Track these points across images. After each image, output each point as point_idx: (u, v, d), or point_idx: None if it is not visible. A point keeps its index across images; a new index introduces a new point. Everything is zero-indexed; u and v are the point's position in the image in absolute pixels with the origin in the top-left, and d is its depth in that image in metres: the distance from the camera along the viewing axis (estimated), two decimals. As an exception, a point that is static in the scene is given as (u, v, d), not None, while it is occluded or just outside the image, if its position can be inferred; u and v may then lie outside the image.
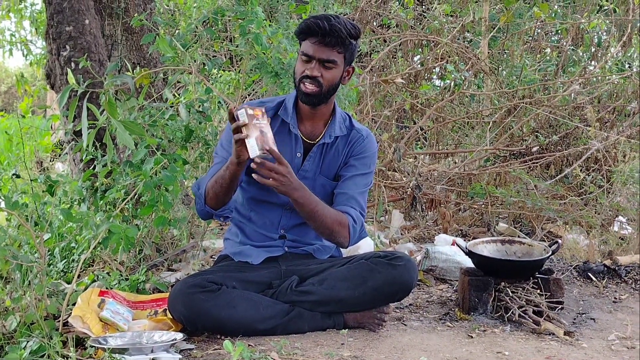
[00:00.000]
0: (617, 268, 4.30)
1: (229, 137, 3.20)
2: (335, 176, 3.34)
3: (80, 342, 2.94)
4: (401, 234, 5.37)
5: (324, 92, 3.16)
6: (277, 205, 3.32)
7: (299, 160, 3.28)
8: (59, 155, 7.00)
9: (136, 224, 3.92)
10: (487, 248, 3.80)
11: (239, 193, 3.38)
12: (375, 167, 3.51)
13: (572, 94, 6.43)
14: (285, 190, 2.97)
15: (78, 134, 4.23)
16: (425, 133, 7.11)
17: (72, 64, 4.53)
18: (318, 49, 3.10)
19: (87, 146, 3.74)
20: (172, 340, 2.81)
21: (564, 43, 7.55)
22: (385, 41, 7.22)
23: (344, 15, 6.11)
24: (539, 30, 7.85)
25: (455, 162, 6.89)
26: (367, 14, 7.15)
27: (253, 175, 2.93)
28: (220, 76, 5.78)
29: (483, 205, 5.69)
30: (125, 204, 3.63)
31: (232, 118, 2.91)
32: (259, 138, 2.87)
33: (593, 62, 7.62)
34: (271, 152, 2.88)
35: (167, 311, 3.14)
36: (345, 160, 3.34)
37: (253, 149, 2.86)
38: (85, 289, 3.41)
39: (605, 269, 4.31)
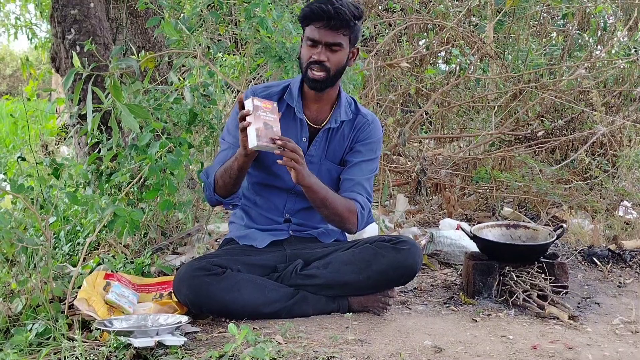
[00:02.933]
0: (621, 252, 4.30)
1: (235, 123, 3.22)
2: (341, 161, 3.35)
3: (85, 325, 2.95)
4: (406, 218, 5.38)
5: (332, 76, 3.15)
6: (283, 189, 3.33)
7: (305, 145, 3.27)
8: (64, 139, 7.01)
9: (141, 208, 3.93)
10: (491, 232, 3.80)
11: (245, 177, 3.39)
12: (381, 151, 3.51)
13: (578, 79, 6.42)
14: (302, 177, 2.97)
15: (83, 117, 4.24)
16: (430, 117, 7.11)
17: (77, 48, 4.52)
18: (324, 33, 3.09)
19: (92, 130, 3.74)
20: (177, 323, 2.81)
21: (570, 27, 7.53)
22: (390, 25, 7.20)
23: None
24: (545, 14, 7.83)
25: (460, 147, 6.89)
26: (373, -2, 7.13)
27: (278, 161, 2.92)
28: (225, 60, 5.77)
29: (488, 190, 5.69)
30: (130, 188, 3.64)
31: (243, 106, 2.92)
32: (260, 129, 2.87)
33: (599, 47, 7.60)
34: (282, 140, 2.89)
35: (172, 294, 3.15)
36: (351, 146, 3.34)
37: (252, 139, 2.86)
38: (91, 272, 3.42)
39: (610, 253, 4.30)
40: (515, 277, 3.46)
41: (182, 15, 4.47)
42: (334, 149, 3.33)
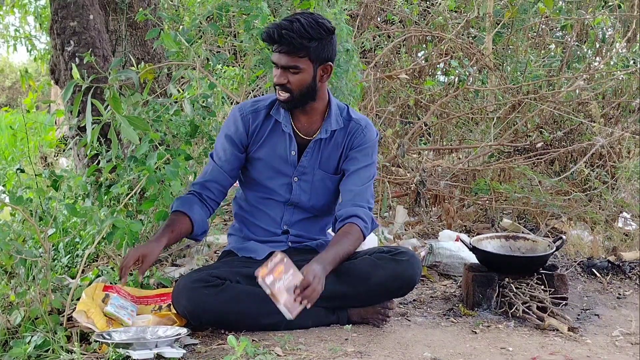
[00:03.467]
0: (621, 264, 4.29)
1: (222, 143, 3.32)
2: (337, 169, 3.35)
3: (84, 337, 2.95)
4: (405, 230, 5.37)
5: (296, 96, 3.16)
6: (279, 202, 3.34)
7: (294, 158, 3.29)
8: (63, 151, 7.01)
9: (140, 219, 3.92)
10: (491, 244, 3.79)
11: (242, 190, 3.43)
12: (377, 156, 3.52)
13: (577, 90, 6.43)
14: (323, 282, 2.94)
15: (82, 129, 4.23)
16: (429, 129, 7.11)
17: (77, 59, 4.53)
18: (279, 56, 3.11)
19: (92, 141, 3.75)
20: (176, 335, 2.81)
21: (569, 39, 7.55)
22: (389, 37, 7.22)
23: (346, 10, 6.10)
24: (544, 26, 7.84)
25: (460, 158, 6.89)
26: (371, 10, 7.16)
27: (303, 302, 2.88)
28: (225, 72, 5.78)
29: (487, 201, 5.69)
30: (129, 199, 3.64)
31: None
32: (287, 302, 2.84)
33: (598, 58, 7.61)
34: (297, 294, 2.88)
35: (171, 306, 3.14)
36: (346, 153, 3.34)
37: (286, 314, 2.84)
38: (90, 284, 3.42)
39: (610, 265, 4.30)
40: (514, 289, 3.45)
41: (181, 27, 4.48)
42: (327, 158, 3.33)
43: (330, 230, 3.49)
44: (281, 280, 2.88)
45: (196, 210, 3.27)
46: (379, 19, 7.66)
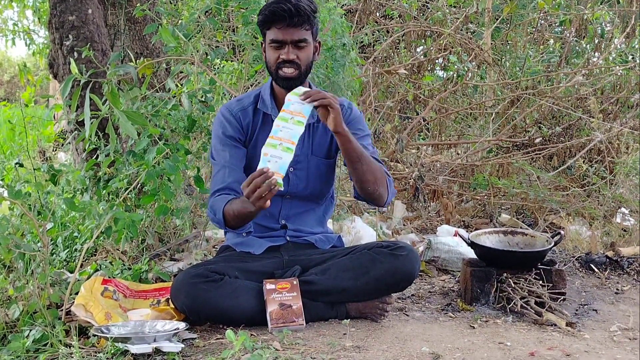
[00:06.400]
0: (619, 259, 4.30)
1: (222, 142, 3.27)
2: (329, 153, 3.36)
3: (83, 331, 2.95)
4: (403, 225, 5.37)
5: (303, 72, 3.18)
6: (277, 195, 3.31)
7: None
8: (62, 145, 7.01)
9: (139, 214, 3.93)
10: (489, 239, 3.79)
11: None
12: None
13: (576, 85, 6.42)
14: (340, 122, 2.99)
15: (81, 123, 4.23)
16: (428, 124, 7.11)
17: (75, 54, 4.53)
18: (288, 32, 3.10)
19: (90, 136, 3.75)
20: (175, 329, 2.81)
21: (568, 34, 7.54)
22: (388, 32, 7.21)
23: (345, 5, 6.10)
24: (543, 21, 7.83)
25: (458, 153, 6.89)
26: (371, 5, 7.15)
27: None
28: (223, 66, 5.77)
29: (485, 196, 5.69)
30: (127, 194, 3.63)
31: None
32: (273, 312, 3.03)
33: (596, 54, 7.60)
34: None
35: (170, 301, 3.14)
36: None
37: (268, 323, 3.02)
38: (88, 278, 3.42)
39: (608, 260, 4.30)
40: (512, 284, 3.45)
41: (179, 21, 4.47)
42: (319, 143, 3.34)
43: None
44: (280, 295, 3.05)
45: None
46: (378, 14, 7.65)
